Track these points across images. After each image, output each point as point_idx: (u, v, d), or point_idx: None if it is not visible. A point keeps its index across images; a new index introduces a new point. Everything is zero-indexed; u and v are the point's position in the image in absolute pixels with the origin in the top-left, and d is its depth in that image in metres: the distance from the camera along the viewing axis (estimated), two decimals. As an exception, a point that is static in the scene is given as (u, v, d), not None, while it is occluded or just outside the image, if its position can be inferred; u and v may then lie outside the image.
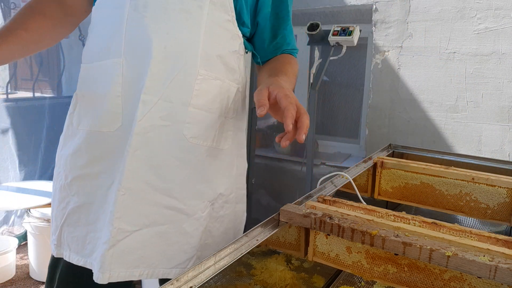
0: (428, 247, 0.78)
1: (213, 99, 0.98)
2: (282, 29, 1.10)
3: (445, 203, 1.45)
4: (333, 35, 2.23)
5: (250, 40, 1.10)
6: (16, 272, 2.66)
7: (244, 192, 1.17)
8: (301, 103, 0.92)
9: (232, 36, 1.00)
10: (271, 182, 3.13)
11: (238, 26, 1.00)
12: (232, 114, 1.05)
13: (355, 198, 1.31)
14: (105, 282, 0.89)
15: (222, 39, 0.98)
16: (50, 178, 3.11)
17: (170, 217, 0.96)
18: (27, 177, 3.22)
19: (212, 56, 0.96)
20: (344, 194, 1.38)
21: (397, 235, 0.84)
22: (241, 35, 1.02)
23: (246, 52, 1.09)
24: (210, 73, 0.96)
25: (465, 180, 1.40)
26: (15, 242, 2.59)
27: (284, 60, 1.09)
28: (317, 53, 2.38)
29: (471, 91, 2.28)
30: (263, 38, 1.09)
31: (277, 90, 0.88)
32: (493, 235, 0.89)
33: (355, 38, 2.20)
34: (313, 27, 2.25)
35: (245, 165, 1.16)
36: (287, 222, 0.97)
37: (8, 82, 3.84)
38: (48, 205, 2.50)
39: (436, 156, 1.86)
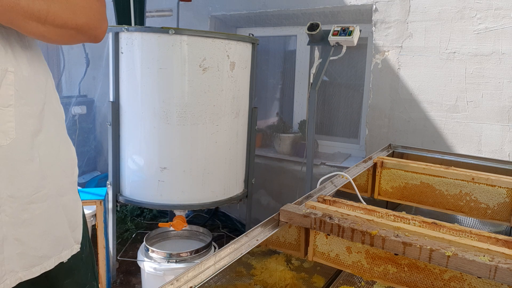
0: (428, 247, 0.78)
1: None
2: None
3: (445, 203, 1.45)
4: (333, 35, 2.23)
5: None
6: None
7: (71, 180, 1.03)
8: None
9: None
10: (271, 182, 3.13)
11: None
12: (9, 101, 0.88)
13: (355, 198, 1.32)
14: None
15: None
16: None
17: None
18: (27, 177, 3.22)
19: None
20: (344, 194, 1.38)
21: (397, 235, 0.84)
22: None
23: None
24: None
25: (465, 180, 1.40)
26: None
27: None
28: (317, 53, 2.38)
29: (471, 91, 2.28)
30: None
31: None
32: (493, 235, 0.89)
33: (355, 38, 2.20)
34: (313, 27, 2.25)
35: (58, 151, 0.98)
36: (287, 222, 0.97)
37: (8, 82, 3.84)
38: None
39: (436, 156, 1.87)
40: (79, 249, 1.07)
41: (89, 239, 1.19)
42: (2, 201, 0.88)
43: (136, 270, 2.69)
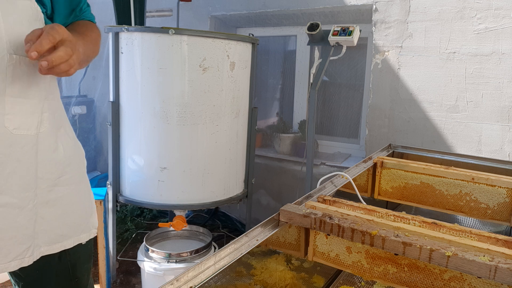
0: (428, 247, 0.78)
1: (29, 84, 0.94)
2: (78, 2, 1.11)
3: (445, 203, 1.45)
4: (333, 35, 2.23)
5: (50, 18, 1.06)
6: None
7: (84, 170, 1.18)
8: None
9: (33, 14, 0.93)
10: (271, 182, 3.13)
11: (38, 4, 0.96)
12: (46, 95, 1.01)
13: (355, 198, 1.31)
14: None
15: (24, 18, 0.91)
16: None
17: (2, 214, 0.94)
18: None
19: (18, 38, 0.89)
20: (344, 194, 1.38)
21: (397, 235, 0.84)
22: (41, 13, 0.96)
23: None
24: (21, 56, 0.90)
25: (465, 180, 1.40)
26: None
27: (79, 23, 1.10)
28: (317, 53, 2.38)
29: (471, 91, 2.28)
30: (61, 13, 1.07)
31: (49, 27, 0.85)
32: (493, 235, 0.89)
33: (355, 38, 2.20)
34: (313, 27, 2.25)
35: (74, 143, 1.14)
36: (287, 222, 0.97)
37: (8, 82, 3.83)
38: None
39: (436, 156, 1.86)
40: (96, 234, 1.21)
41: None
42: (36, 181, 1.00)
43: (136, 270, 2.69)
